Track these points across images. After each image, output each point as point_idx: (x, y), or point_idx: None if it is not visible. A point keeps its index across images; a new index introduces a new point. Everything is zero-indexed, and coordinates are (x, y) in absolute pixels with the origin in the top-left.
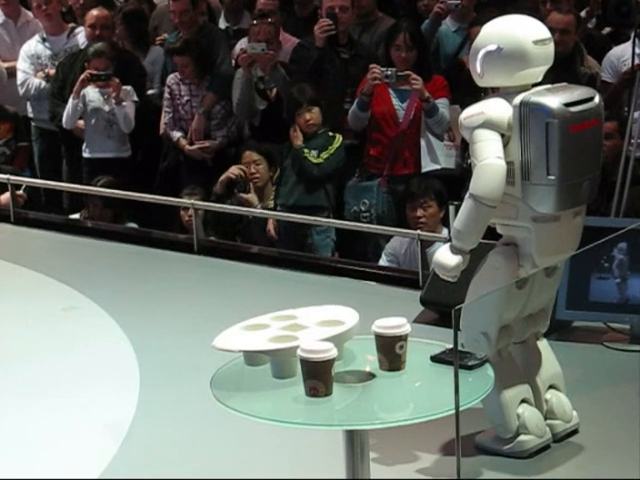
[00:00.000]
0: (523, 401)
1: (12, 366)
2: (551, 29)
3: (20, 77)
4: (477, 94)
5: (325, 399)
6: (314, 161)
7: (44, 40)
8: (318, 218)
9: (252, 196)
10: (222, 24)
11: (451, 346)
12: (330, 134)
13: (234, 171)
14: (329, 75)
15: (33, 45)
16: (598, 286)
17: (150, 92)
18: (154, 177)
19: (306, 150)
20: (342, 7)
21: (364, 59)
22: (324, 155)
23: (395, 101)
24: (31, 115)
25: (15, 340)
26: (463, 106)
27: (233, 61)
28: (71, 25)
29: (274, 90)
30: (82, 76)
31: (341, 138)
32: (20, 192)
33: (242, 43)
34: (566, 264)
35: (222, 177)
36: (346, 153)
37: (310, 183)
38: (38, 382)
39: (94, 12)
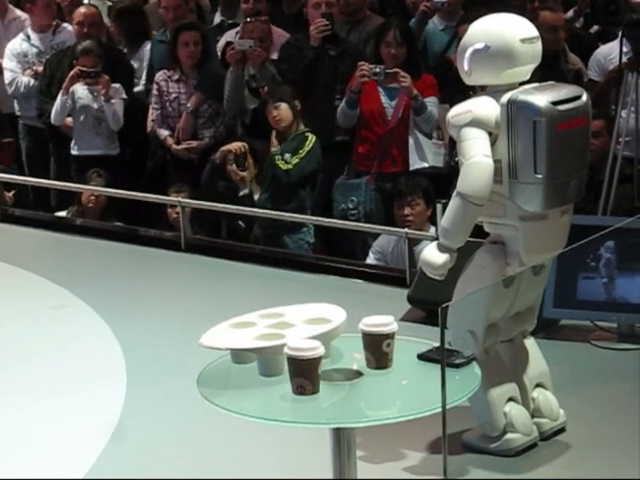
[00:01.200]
0: (510, 399)
1: None
2: (543, 27)
3: (8, 76)
4: (466, 92)
5: (312, 397)
6: (283, 168)
7: (29, 38)
8: (307, 216)
9: (247, 175)
10: (217, 18)
11: (438, 344)
12: (306, 135)
13: (236, 145)
14: (319, 73)
15: (18, 43)
16: (585, 285)
17: (136, 89)
18: (142, 175)
19: (277, 157)
20: (328, 3)
21: (352, 56)
22: (294, 160)
23: (384, 99)
24: (18, 113)
25: (1, 339)
26: (452, 105)
27: (219, 54)
28: (55, 22)
29: (265, 88)
30: (72, 72)
31: (314, 139)
32: (10, 195)
33: (227, 36)
34: (553, 262)
35: (223, 147)
36: (336, 150)
37: (281, 191)
38: (25, 381)
39: (82, 9)
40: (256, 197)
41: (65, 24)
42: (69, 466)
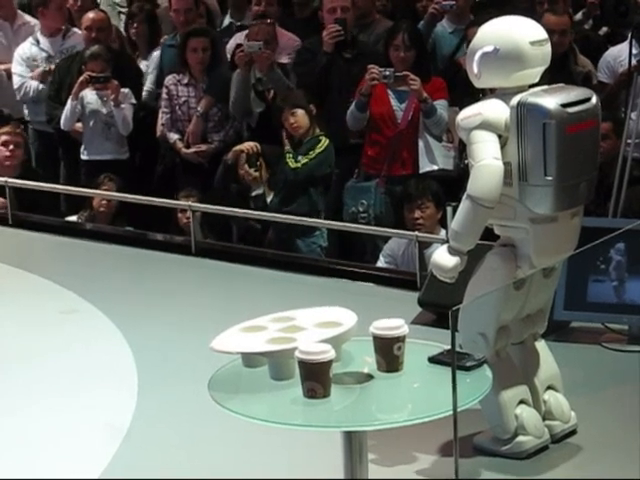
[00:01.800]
0: (521, 402)
1: (11, 368)
2: (547, 31)
3: (16, 81)
4: (475, 95)
5: (323, 400)
6: (292, 166)
7: (38, 42)
8: (316, 220)
9: (259, 175)
10: (227, 20)
11: (449, 347)
12: (319, 138)
13: (248, 145)
14: (334, 76)
15: (27, 48)
16: (596, 287)
17: (144, 94)
18: (152, 179)
19: (288, 155)
20: (343, 7)
21: (367, 58)
22: (303, 160)
23: (394, 102)
24: (28, 118)
25: (14, 343)
26: (462, 107)
27: (228, 55)
28: (65, 26)
29: (272, 92)
30: (81, 78)
31: (327, 142)
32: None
33: (236, 38)
34: (564, 265)
35: (236, 147)
36: (350, 153)
37: (290, 189)
38: (37, 384)
39: (90, 14)
40: (269, 199)
41: (75, 29)
42: (82, 467)
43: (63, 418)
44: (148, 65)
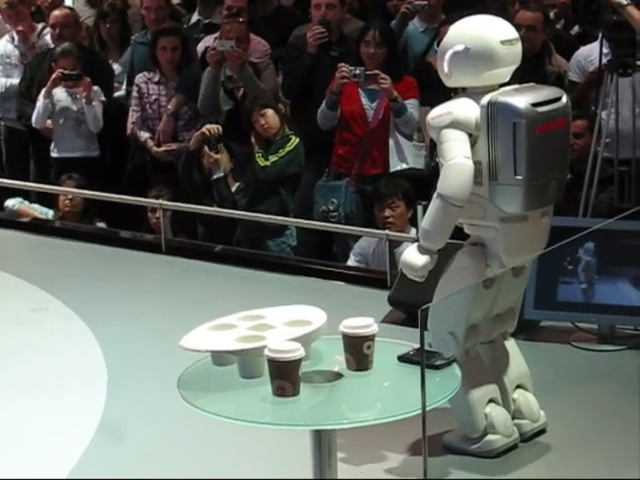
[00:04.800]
0: (491, 401)
1: None
2: (518, 26)
3: None
4: (447, 94)
5: (292, 399)
6: (261, 164)
7: (13, 40)
8: (287, 218)
9: (222, 157)
10: (195, 17)
11: (418, 346)
12: (289, 137)
13: (209, 127)
14: (319, 76)
15: (2, 45)
16: (566, 286)
17: (117, 94)
18: (123, 177)
19: (258, 154)
20: (329, 4)
21: (354, 56)
22: (272, 158)
23: (364, 100)
24: None
25: None
26: (433, 107)
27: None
28: (41, 25)
29: (241, 90)
30: (53, 75)
31: (297, 141)
32: None
33: (206, 41)
34: (534, 264)
35: (197, 132)
36: (321, 152)
37: (259, 188)
38: (5, 383)
39: (55, 12)
40: (233, 188)
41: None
42: (49, 468)
43: (31, 418)
44: (122, 64)
